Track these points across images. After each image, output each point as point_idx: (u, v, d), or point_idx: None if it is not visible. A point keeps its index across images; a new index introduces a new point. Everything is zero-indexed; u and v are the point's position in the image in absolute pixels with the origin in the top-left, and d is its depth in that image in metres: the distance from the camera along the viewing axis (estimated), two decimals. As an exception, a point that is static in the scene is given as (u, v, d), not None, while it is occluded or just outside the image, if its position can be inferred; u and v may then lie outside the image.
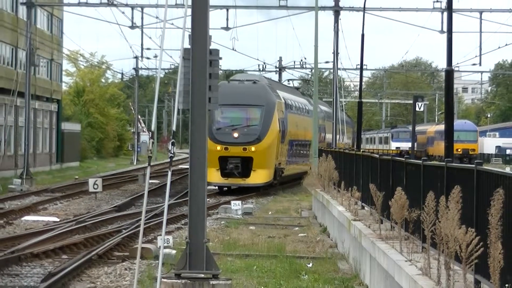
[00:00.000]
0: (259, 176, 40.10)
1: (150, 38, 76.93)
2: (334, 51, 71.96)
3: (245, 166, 40.63)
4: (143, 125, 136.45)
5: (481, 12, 63.76)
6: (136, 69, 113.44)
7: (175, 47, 70.51)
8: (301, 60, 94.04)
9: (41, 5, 77.18)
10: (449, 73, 32.79)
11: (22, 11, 73.09)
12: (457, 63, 58.47)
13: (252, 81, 46.35)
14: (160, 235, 20.44)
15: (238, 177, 40.46)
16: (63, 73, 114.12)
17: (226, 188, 42.51)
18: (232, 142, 40.43)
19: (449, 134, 31.75)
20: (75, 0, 66.52)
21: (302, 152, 58.06)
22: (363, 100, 73.90)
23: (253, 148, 39.06)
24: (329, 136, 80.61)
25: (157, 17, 62.84)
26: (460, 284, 13.41)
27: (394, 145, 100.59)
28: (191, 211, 21.02)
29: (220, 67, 27.05)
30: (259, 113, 40.21)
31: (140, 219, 20.65)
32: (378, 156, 31.27)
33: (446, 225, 13.36)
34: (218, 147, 40.32)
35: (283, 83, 73.88)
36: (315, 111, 70.57)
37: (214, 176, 40.85)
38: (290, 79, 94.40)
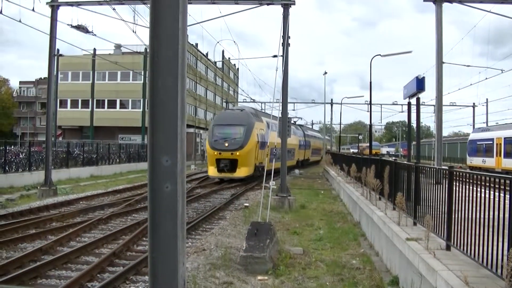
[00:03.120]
0: (242, 172, 35.33)
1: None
2: (330, 118, 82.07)
3: (233, 164, 35.06)
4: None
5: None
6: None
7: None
8: (319, 121, 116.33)
9: (228, 102, 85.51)
10: (370, 126, 38.51)
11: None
12: (373, 123, 64.42)
13: (239, 110, 40.24)
14: (271, 181, 19.10)
15: (228, 172, 35.10)
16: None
17: (219, 179, 36.88)
18: (224, 149, 35.42)
19: (370, 147, 37.18)
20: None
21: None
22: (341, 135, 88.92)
23: (237, 153, 34.84)
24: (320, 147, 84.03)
25: (271, 108, 75.29)
26: (374, 198, 16.29)
27: (351, 150, 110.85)
28: (282, 173, 25.24)
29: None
30: (242, 130, 35.75)
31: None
32: (346, 154, 37.20)
33: (369, 178, 16.80)
34: (215, 152, 35.72)
35: (273, 115, 67.78)
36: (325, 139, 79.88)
37: (213, 171, 36.20)
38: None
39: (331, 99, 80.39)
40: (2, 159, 29.62)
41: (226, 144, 35.70)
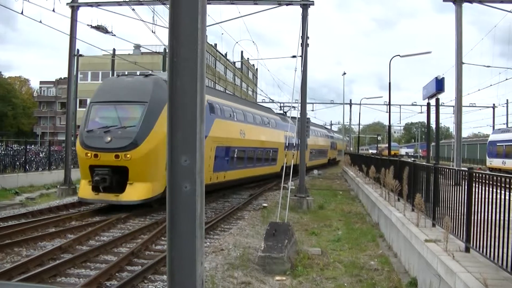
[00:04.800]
0: (136, 191, 19.42)
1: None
2: (349, 120, 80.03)
3: (119, 177, 19.50)
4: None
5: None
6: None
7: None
8: (337, 122, 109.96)
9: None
10: (389, 127, 38.07)
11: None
12: (392, 124, 62.96)
13: (143, 75, 21.63)
14: (290, 181, 19.23)
15: (108, 192, 19.50)
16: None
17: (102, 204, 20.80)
18: (103, 147, 19.36)
19: (389, 148, 37.34)
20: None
21: (247, 158, 30.36)
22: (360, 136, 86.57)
23: (128, 155, 18.97)
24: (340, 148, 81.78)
25: (290, 108, 72.97)
26: (392, 199, 16.34)
27: (370, 151, 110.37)
28: (300, 174, 25.40)
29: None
30: (139, 112, 19.72)
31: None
32: (364, 154, 37.33)
33: (388, 179, 16.87)
34: (88, 154, 19.48)
35: (237, 96, 51.17)
36: (344, 140, 78.24)
37: (84, 189, 20.11)
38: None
39: (350, 100, 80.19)
40: (23, 158, 29.98)
41: (108, 139, 19.68)
